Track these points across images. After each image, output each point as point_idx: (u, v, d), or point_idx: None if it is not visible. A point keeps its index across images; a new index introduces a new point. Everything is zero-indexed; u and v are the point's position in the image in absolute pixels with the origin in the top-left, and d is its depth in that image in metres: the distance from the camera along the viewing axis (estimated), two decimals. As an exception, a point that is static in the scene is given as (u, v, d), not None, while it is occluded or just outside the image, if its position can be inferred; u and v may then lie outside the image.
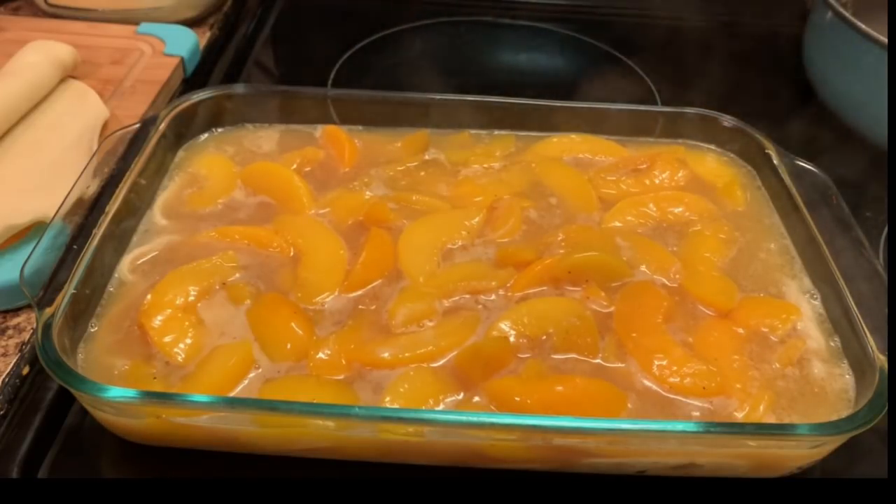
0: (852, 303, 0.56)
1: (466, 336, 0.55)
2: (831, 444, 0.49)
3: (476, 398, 0.52)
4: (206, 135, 0.73)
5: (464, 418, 0.47)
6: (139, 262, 0.60)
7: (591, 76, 1.01)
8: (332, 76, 0.93)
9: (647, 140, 0.76)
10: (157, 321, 0.54)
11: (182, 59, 0.86)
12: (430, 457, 0.51)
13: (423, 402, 0.51)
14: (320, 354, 0.53)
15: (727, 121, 0.74)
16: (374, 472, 0.51)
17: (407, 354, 0.53)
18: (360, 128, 0.75)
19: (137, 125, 0.67)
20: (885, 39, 0.73)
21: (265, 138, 0.74)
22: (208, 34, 0.95)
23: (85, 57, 0.81)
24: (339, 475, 0.51)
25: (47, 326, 0.49)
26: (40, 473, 0.51)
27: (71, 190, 0.59)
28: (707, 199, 0.69)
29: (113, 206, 0.59)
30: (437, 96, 0.75)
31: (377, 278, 0.59)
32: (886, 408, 0.48)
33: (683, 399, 0.53)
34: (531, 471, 0.52)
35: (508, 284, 0.59)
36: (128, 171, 0.62)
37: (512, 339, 0.55)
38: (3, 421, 0.53)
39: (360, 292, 0.59)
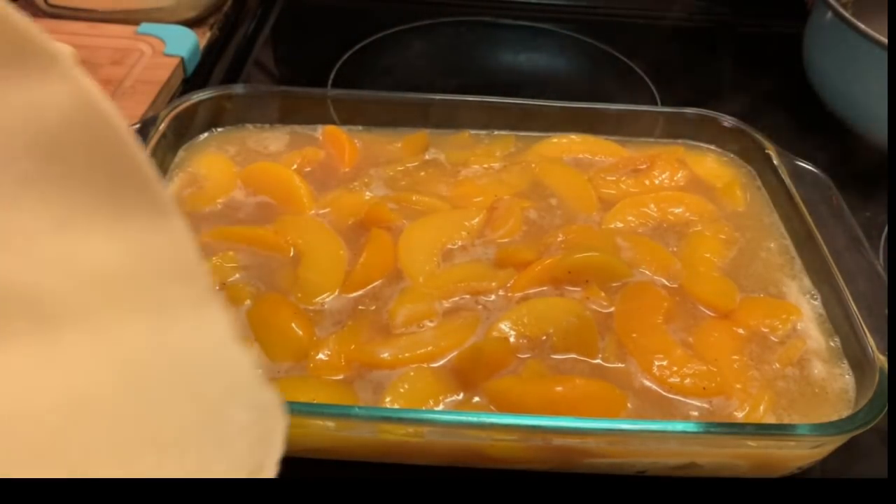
0: (852, 303, 0.56)
1: (466, 336, 0.55)
2: (831, 444, 0.49)
3: (476, 398, 0.52)
4: (206, 135, 0.73)
5: (464, 418, 0.47)
6: (139, 263, 0.60)
7: (590, 76, 1.01)
8: (332, 76, 0.93)
9: (647, 140, 0.76)
10: (157, 321, 0.54)
11: (182, 60, 0.86)
12: (430, 457, 0.51)
13: (423, 403, 0.51)
14: (320, 355, 0.53)
15: (727, 121, 0.74)
16: (374, 472, 0.51)
17: (407, 355, 0.53)
18: (360, 128, 0.75)
19: (137, 125, 0.67)
20: (885, 39, 0.73)
21: (265, 138, 0.74)
22: (208, 34, 0.95)
23: (85, 57, 0.81)
24: (339, 475, 0.51)
25: (47, 326, 0.49)
26: (40, 473, 0.51)
27: (71, 190, 0.59)
28: (707, 200, 0.69)
29: (113, 207, 0.59)
30: (437, 96, 0.75)
31: (377, 278, 0.59)
32: (886, 408, 0.48)
33: (683, 399, 0.53)
34: (531, 471, 0.52)
35: (508, 285, 0.59)
36: (128, 171, 0.62)
37: (512, 339, 0.55)
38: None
39: (360, 292, 0.59)
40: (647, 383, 0.53)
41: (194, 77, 0.89)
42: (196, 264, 0.26)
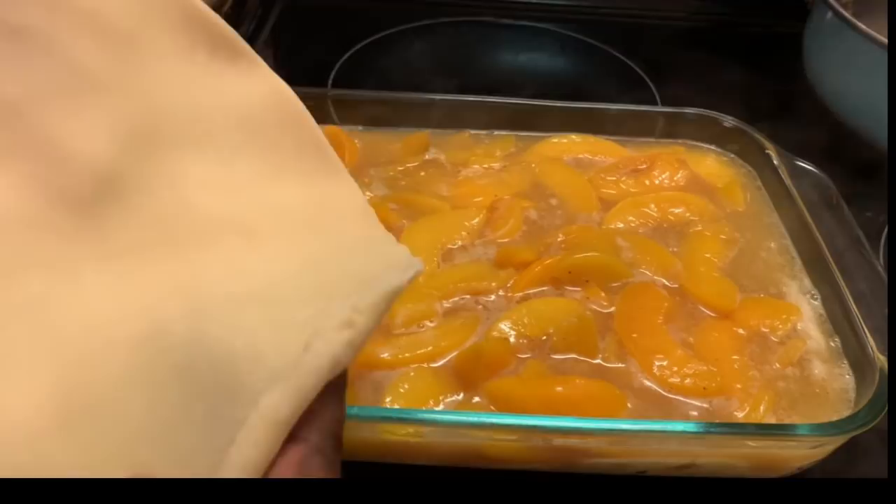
0: (852, 303, 0.56)
1: (466, 337, 0.55)
2: (832, 444, 0.49)
3: (476, 398, 0.52)
4: (206, 135, 0.73)
5: (464, 418, 0.47)
6: (139, 263, 0.60)
7: (591, 76, 1.01)
8: (332, 76, 0.93)
9: (647, 140, 0.76)
10: (158, 321, 0.54)
11: (182, 60, 0.86)
12: (430, 457, 0.51)
13: (423, 403, 0.51)
14: (320, 355, 0.53)
15: (727, 121, 0.74)
16: (374, 472, 0.51)
17: (407, 355, 0.53)
18: (360, 128, 0.75)
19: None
20: (885, 39, 0.73)
21: (265, 138, 0.74)
22: (208, 34, 0.95)
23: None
24: (340, 475, 0.51)
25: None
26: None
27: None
28: (707, 200, 0.69)
29: (113, 207, 0.59)
30: (438, 96, 0.75)
31: (377, 278, 0.59)
32: (886, 408, 0.48)
33: (683, 399, 0.53)
34: (531, 471, 0.52)
35: (508, 285, 0.59)
36: (128, 171, 0.62)
37: (512, 339, 0.55)
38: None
39: (360, 292, 0.58)
40: (648, 383, 0.53)
41: (194, 77, 0.89)
42: (364, 204, 0.34)
